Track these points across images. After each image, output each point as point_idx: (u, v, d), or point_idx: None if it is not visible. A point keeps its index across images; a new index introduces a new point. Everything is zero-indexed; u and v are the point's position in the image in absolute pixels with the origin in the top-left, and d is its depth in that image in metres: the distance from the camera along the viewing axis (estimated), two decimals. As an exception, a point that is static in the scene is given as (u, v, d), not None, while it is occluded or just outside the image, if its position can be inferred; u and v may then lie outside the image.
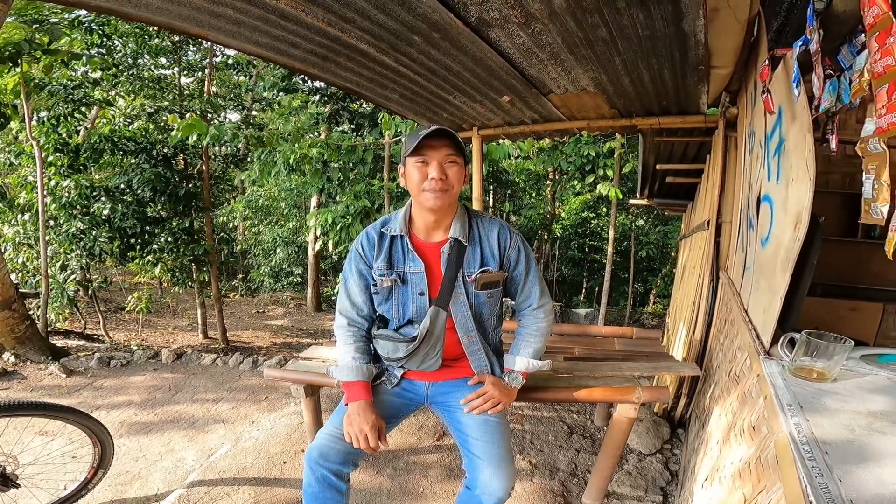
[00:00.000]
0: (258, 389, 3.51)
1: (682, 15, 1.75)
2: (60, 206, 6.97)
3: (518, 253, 1.53)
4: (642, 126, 3.07)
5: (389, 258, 1.48)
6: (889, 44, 0.88)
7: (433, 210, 1.40)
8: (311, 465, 1.42)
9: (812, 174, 1.20)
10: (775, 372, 1.09)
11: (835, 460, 0.73)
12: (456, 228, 1.46)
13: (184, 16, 1.98)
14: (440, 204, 1.38)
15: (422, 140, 1.33)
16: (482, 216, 1.55)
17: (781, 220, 1.42)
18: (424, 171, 1.36)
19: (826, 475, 0.69)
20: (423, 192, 1.37)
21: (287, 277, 14.38)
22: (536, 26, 1.95)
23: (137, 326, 9.40)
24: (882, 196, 0.96)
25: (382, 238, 1.49)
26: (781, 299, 1.27)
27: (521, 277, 1.55)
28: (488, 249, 1.50)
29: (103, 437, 1.99)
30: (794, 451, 0.75)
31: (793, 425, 0.83)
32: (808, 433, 0.81)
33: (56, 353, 4.17)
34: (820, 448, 0.76)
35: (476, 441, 1.49)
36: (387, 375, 1.62)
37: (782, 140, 1.50)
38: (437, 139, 1.35)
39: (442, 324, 1.49)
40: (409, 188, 1.43)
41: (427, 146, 1.35)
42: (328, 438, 1.45)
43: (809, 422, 0.85)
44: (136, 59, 8.61)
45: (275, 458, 2.42)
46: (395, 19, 1.94)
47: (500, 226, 1.53)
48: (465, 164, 1.42)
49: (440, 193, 1.36)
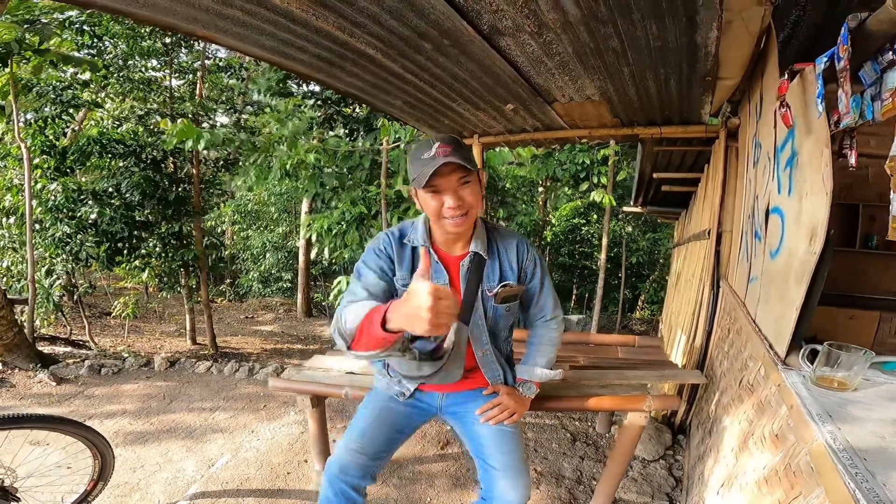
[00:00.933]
0: (255, 398, 3.46)
1: (697, 27, 1.78)
2: (46, 210, 6.83)
3: (534, 266, 1.52)
4: (643, 135, 3.10)
5: (412, 267, 1.43)
6: None
7: (456, 234, 1.38)
8: (331, 479, 1.40)
9: (829, 189, 1.22)
10: (797, 382, 1.10)
11: (874, 466, 0.75)
12: (476, 242, 1.44)
13: (191, 17, 1.96)
14: (462, 229, 1.35)
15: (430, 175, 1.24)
16: (499, 229, 1.53)
17: (794, 233, 1.45)
18: (439, 199, 1.30)
19: (871, 481, 0.71)
20: (443, 219, 1.32)
21: (276, 283, 14.24)
22: (548, 35, 1.96)
23: (123, 332, 9.21)
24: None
25: (403, 247, 1.44)
26: (797, 311, 1.29)
27: (535, 290, 1.55)
28: (507, 263, 1.48)
29: (103, 448, 1.95)
30: (835, 459, 0.76)
31: (827, 434, 0.84)
32: (843, 441, 0.82)
33: (44, 360, 4.07)
34: (858, 455, 0.78)
35: (492, 452, 1.49)
36: (398, 389, 1.58)
37: (794, 153, 1.52)
38: (445, 166, 1.24)
39: (465, 338, 1.47)
40: (425, 213, 1.39)
41: (436, 175, 1.24)
42: (348, 452, 1.44)
43: (841, 430, 0.86)
44: (126, 60, 8.50)
45: (278, 469, 2.39)
46: (407, 25, 1.94)
47: (518, 239, 1.52)
48: (477, 173, 1.34)
49: (460, 219, 1.31)
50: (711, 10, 1.67)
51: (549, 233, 11.81)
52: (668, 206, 6.21)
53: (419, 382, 1.56)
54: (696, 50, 2.00)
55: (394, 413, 1.55)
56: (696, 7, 1.65)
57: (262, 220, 15.00)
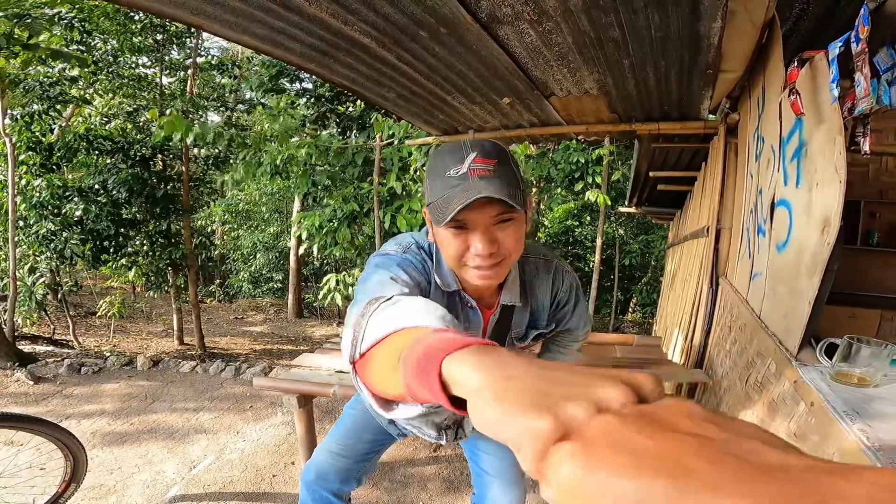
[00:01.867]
0: (242, 398, 3.35)
1: (700, 17, 1.73)
2: (31, 207, 6.67)
3: (569, 293, 1.21)
4: (641, 131, 3.06)
5: (446, 308, 1.01)
6: None
7: (483, 286, 1.00)
8: (309, 487, 1.31)
9: (843, 177, 1.16)
10: (816, 378, 1.04)
11: None
12: (509, 295, 1.08)
13: (179, 3, 1.88)
14: (493, 282, 0.95)
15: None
16: (534, 260, 1.15)
17: (804, 225, 1.39)
18: (464, 239, 0.88)
19: None
20: (465, 266, 0.91)
21: (267, 283, 14.07)
22: (548, 24, 1.91)
23: (109, 332, 9.03)
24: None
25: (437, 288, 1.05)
26: (811, 304, 1.23)
27: (567, 316, 1.25)
28: (538, 305, 1.17)
29: (75, 449, 1.85)
30: (872, 458, 0.70)
31: (858, 432, 0.78)
32: (876, 439, 0.76)
33: (23, 358, 3.94)
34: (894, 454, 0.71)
35: (487, 456, 1.41)
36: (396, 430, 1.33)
37: (802, 143, 1.47)
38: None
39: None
40: (442, 255, 0.97)
41: (465, 209, 0.82)
42: (328, 455, 1.35)
43: (873, 428, 0.79)
44: (116, 56, 8.36)
45: (263, 472, 2.29)
46: (403, 12, 1.88)
47: (555, 270, 1.16)
48: (524, 206, 0.91)
49: (490, 272, 0.90)
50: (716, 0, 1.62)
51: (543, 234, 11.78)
52: (662, 207, 6.18)
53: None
54: (698, 41, 1.95)
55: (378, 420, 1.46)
56: (700, -6, 1.60)
57: (252, 219, 14.85)
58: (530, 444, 0.27)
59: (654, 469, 0.22)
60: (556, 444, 0.26)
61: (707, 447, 0.23)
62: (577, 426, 0.27)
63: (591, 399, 0.28)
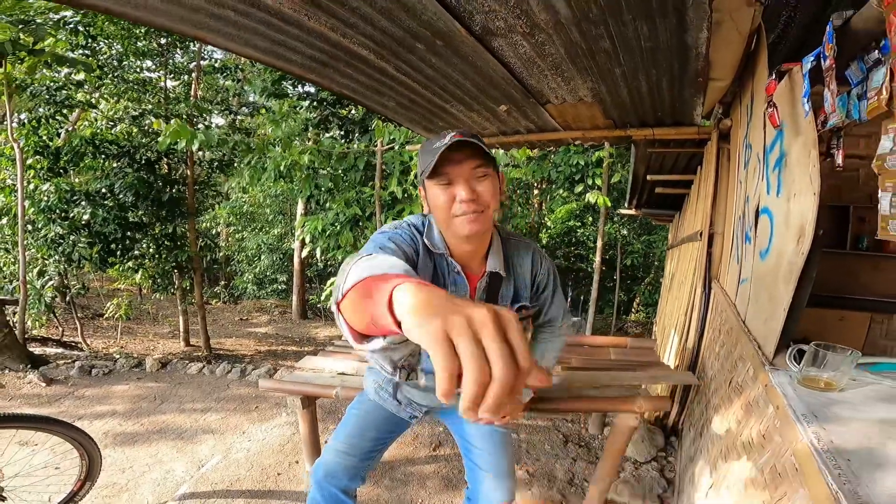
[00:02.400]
0: (247, 399, 3.43)
1: (686, 28, 1.78)
2: (39, 211, 6.79)
3: (547, 276, 1.40)
4: (636, 136, 3.11)
5: (433, 274, 1.24)
6: None
7: (469, 237, 1.17)
8: (319, 484, 1.39)
9: (816, 189, 1.22)
10: (784, 382, 1.10)
11: (859, 467, 0.75)
12: (493, 261, 1.26)
13: (183, 17, 1.95)
14: (477, 229, 1.12)
15: (439, 158, 1.05)
16: (514, 240, 1.36)
17: (783, 234, 1.45)
18: (450, 192, 1.10)
19: (854, 482, 0.71)
20: (454, 218, 1.12)
21: (271, 284, 14.19)
22: (540, 36, 1.97)
23: (116, 333, 9.16)
24: (902, 212, 0.99)
25: (429, 252, 1.24)
26: (785, 311, 1.30)
27: (547, 300, 1.44)
28: (521, 280, 1.35)
29: (91, 448, 1.93)
30: (818, 460, 0.76)
31: (811, 434, 0.84)
32: (827, 442, 0.82)
33: (35, 361, 4.04)
34: (842, 456, 0.78)
35: (479, 451, 1.48)
36: (409, 411, 1.50)
37: (783, 154, 1.53)
38: (459, 152, 1.07)
39: None
40: (434, 215, 1.17)
41: (447, 162, 1.07)
42: (335, 454, 1.42)
43: (826, 430, 0.86)
44: (121, 61, 8.47)
45: (268, 470, 2.37)
46: (399, 26, 1.94)
47: (534, 251, 1.37)
48: (497, 172, 1.16)
49: (474, 217, 1.10)
50: (701, 11, 1.68)
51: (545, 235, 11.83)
52: (662, 209, 6.23)
53: (426, 409, 1.50)
54: (686, 51, 2.01)
55: (384, 413, 1.54)
56: (685, 7, 1.66)
57: (257, 221, 14.95)
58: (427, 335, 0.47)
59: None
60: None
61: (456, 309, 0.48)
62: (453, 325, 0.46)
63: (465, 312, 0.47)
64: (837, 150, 1.44)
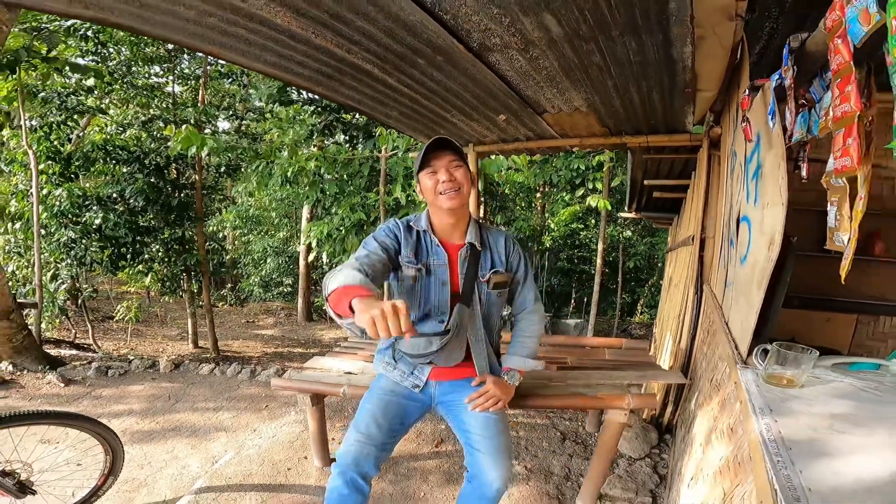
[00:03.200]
0: (258, 398, 3.56)
1: (672, 43, 1.89)
2: (52, 215, 6.95)
3: (519, 259, 1.75)
4: (631, 144, 3.21)
5: (416, 249, 1.65)
6: (847, 91, 1.01)
7: (450, 210, 1.58)
8: (344, 469, 1.51)
9: (785, 200, 1.33)
10: (750, 379, 1.21)
11: (797, 455, 0.84)
12: (471, 234, 1.66)
13: (197, 34, 2.07)
14: (455, 203, 1.56)
15: (427, 154, 1.56)
16: (489, 227, 1.77)
17: (758, 241, 1.56)
18: (435, 178, 1.56)
19: (789, 468, 0.80)
20: (439, 195, 1.56)
21: (277, 287, 14.34)
22: (534, 52, 2.08)
23: (126, 335, 9.32)
24: (843, 226, 1.09)
25: (410, 231, 1.66)
26: (757, 313, 1.40)
27: (520, 281, 1.76)
28: (497, 254, 1.70)
29: (115, 444, 2.05)
30: (764, 449, 0.86)
31: (763, 425, 0.94)
32: (775, 432, 0.92)
33: (52, 362, 4.18)
34: (785, 445, 0.88)
35: (477, 436, 1.61)
36: (412, 380, 1.72)
37: (760, 165, 1.63)
38: (441, 150, 1.57)
39: (467, 319, 1.64)
40: (426, 198, 1.63)
41: (433, 157, 1.57)
42: (358, 443, 1.55)
43: (778, 423, 0.96)
44: (129, 66, 8.63)
45: (279, 465, 2.49)
46: (401, 43, 2.06)
47: (506, 235, 1.76)
48: (468, 168, 1.62)
49: (453, 193, 1.55)
50: (683, 27, 1.78)
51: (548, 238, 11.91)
52: (661, 212, 6.31)
53: (428, 365, 1.70)
54: (673, 64, 2.12)
55: (394, 405, 1.68)
56: (668, 24, 1.77)
57: (263, 224, 15.11)
58: (361, 318, 1.08)
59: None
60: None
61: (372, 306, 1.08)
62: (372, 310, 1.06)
63: (379, 305, 1.06)
64: (803, 163, 1.54)
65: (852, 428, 0.97)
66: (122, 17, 1.92)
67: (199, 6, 1.77)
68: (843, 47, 0.98)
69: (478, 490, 1.56)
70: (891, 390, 1.23)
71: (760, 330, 1.45)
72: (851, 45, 0.95)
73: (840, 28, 0.99)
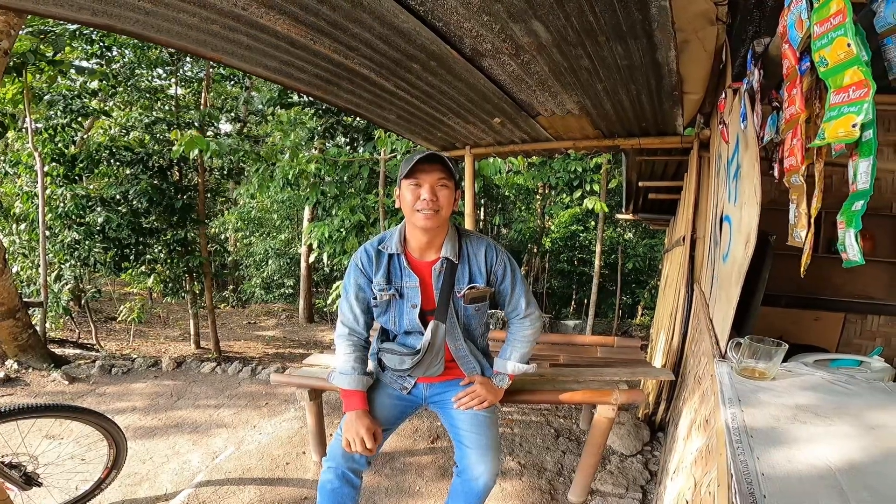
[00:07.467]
0: (258, 396, 3.63)
1: (656, 47, 1.94)
2: (56, 216, 7.02)
3: (504, 269, 1.65)
4: (624, 146, 3.27)
5: (388, 274, 1.61)
6: (793, 95, 1.07)
7: (425, 230, 1.51)
8: (336, 462, 1.57)
9: (759, 199, 1.38)
10: (724, 372, 1.26)
11: (757, 443, 0.89)
12: (447, 248, 1.57)
13: (200, 40, 2.14)
14: (430, 224, 1.48)
15: (415, 164, 1.44)
16: (472, 235, 1.67)
17: (737, 239, 1.61)
18: (417, 192, 1.46)
19: (747, 454, 0.85)
20: (416, 212, 1.47)
21: (279, 289, 14.41)
22: (525, 57, 2.14)
23: (128, 336, 9.40)
24: (801, 223, 1.15)
25: (380, 255, 1.61)
26: (734, 309, 1.45)
27: (507, 290, 1.68)
28: (476, 267, 1.62)
29: (119, 438, 2.12)
30: (727, 437, 0.91)
31: (729, 415, 1.00)
32: (740, 422, 0.97)
33: (57, 360, 4.25)
34: (747, 433, 0.93)
35: (466, 432, 1.66)
36: (401, 383, 1.74)
37: (739, 166, 1.69)
38: (430, 164, 1.46)
39: (442, 335, 1.63)
40: (402, 209, 1.53)
41: (420, 170, 1.46)
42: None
43: (744, 413, 1.01)
44: (133, 69, 8.71)
45: (278, 460, 2.55)
46: (396, 49, 2.12)
47: (487, 244, 1.65)
48: (455, 188, 1.52)
49: (431, 213, 1.46)
50: (666, 32, 1.84)
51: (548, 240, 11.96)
52: (657, 213, 6.36)
53: (413, 378, 1.73)
54: (659, 68, 2.18)
55: (387, 403, 1.73)
56: (652, 29, 1.83)
57: (264, 227, 15.19)
58: (344, 431, 1.55)
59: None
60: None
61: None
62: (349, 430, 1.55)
63: (356, 428, 1.57)
64: (776, 164, 1.60)
65: (814, 418, 1.02)
66: (128, 24, 1.99)
67: (203, 14, 1.84)
68: (790, 52, 1.04)
69: (466, 484, 1.62)
70: (860, 384, 1.29)
71: (741, 326, 1.51)
72: (796, 49, 1.01)
73: (786, 34, 1.04)
